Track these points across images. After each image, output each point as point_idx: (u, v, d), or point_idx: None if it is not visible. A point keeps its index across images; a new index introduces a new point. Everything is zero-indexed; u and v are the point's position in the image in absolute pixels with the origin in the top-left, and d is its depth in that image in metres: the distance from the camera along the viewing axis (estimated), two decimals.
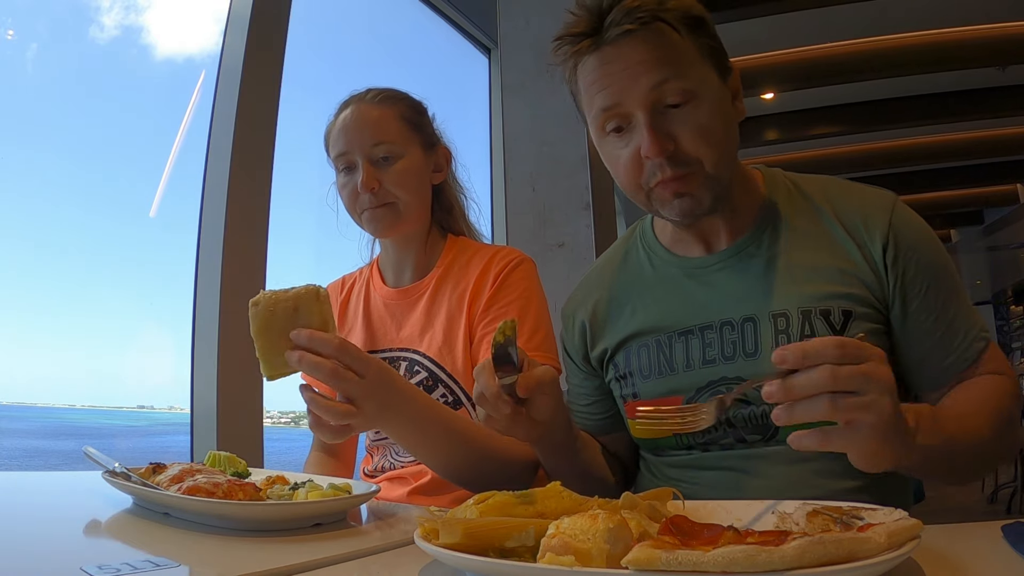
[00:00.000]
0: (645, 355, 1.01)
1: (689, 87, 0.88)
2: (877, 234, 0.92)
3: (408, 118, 1.28)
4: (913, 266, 0.91)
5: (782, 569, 0.42)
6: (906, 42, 5.16)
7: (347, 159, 1.25)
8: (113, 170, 2.76)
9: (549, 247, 2.82)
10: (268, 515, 0.77)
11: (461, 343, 1.21)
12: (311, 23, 2.37)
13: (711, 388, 0.94)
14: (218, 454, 0.98)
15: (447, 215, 1.37)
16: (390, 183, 1.23)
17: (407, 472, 1.24)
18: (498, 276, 1.23)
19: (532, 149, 2.92)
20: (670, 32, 0.88)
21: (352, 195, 1.25)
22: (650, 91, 0.87)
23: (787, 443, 0.88)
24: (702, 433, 0.95)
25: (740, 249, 0.98)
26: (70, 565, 0.57)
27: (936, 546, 0.59)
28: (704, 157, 0.89)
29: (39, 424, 8.56)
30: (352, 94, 1.30)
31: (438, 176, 1.34)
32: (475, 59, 3.42)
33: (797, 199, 1.00)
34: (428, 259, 1.32)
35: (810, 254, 0.94)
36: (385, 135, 1.24)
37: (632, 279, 1.07)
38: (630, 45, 0.88)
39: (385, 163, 1.24)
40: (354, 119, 1.25)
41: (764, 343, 0.92)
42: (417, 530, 0.56)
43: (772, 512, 0.63)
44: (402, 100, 1.30)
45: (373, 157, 1.23)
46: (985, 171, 8.06)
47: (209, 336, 1.65)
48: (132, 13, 2.72)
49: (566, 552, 0.48)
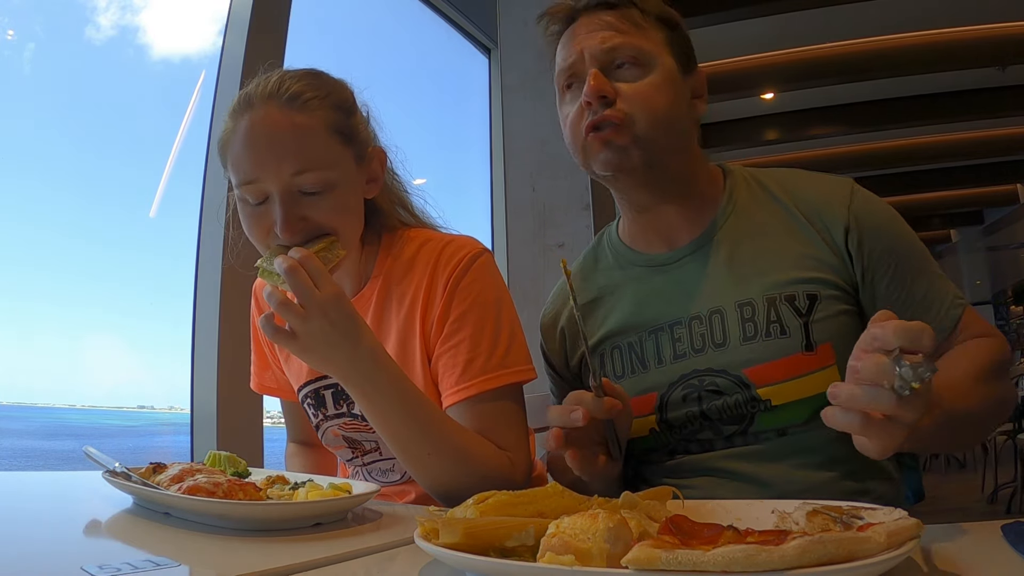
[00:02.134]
0: (618, 356, 1.01)
1: (644, 56, 0.96)
2: (837, 219, 0.94)
3: (337, 127, 0.97)
4: (878, 246, 0.92)
5: (782, 569, 0.42)
6: (906, 42, 5.17)
7: (258, 190, 0.93)
8: (113, 170, 2.77)
9: (549, 247, 2.82)
10: (268, 515, 0.76)
11: (419, 365, 1.02)
12: (311, 23, 2.37)
13: (683, 382, 0.95)
14: (218, 454, 0.98)
15: (380, 219, 1.11)
16: (320, 218, 0.95)
17: (390, 491, 1.13)
18: (447, 282, 1.00)
19: (532, 149, 2.92)
20: (639, 15, 0.98)
21: (263, 232, 0.95)
22: (604, 50, 0.96)
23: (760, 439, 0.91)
24: (679, 429, 0.96)
25: (703, 243, 1.00)
26: (70, 565, 0.57)
27: (936, 546, 0.59)
28: (638, 116, 0.94)
29: (39, 424, 8.57)
30: (257, 84, 0.96)
31: (373, 188, 1.05)
32: (475, 59, 3.42)
33: (757, 192, 1.02)
34: (364, 268, 1.09)
35: (772, 243, 0.96)
36: (309, 161, 0.93)
37: (603, 282, 1.08)
38: (598, 16, 0.98)
39: (310, 195, 0.94)
40: (265, 135, 0.93)
41: (732, 332, 0.93)
42: (417, 530, 0.55)
43: (772, 512, 0.63)
44: (327, 98, 0.98)
45: (292, 189, 0.93)
46: (985, 171, 8.08)
47: (209, 336, 1.66)
48: (128, 13, 2.72)
49: (566, 551, 0.48)
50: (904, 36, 5.15)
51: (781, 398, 0.90)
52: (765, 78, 5.52)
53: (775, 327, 0.91)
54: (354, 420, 1.09)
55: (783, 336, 0.90)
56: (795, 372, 0.89)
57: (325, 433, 1.14)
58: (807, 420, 0.90)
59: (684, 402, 0.95)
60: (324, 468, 1.28)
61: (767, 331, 0.91)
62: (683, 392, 0.95)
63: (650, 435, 0.98)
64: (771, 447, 0.92)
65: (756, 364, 0.91)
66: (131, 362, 5.31)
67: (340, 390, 1.08)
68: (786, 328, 0.90)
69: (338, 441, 1.13)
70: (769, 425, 0.92)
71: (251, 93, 0.96)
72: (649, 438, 0.99)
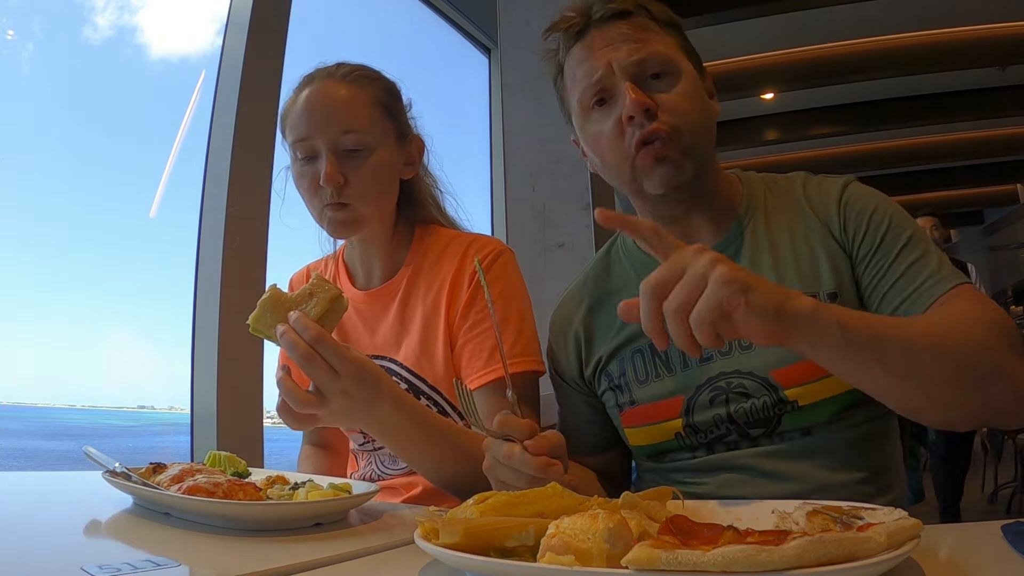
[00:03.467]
0: (639, 360, 1.00)
1: (671, 64, 0.95)
2: (833, 215, 0.95)
3: (383, 103, 1.14)
4: (864, 224, 0.92)
5: (782, 569, 0.42)
6: (906, 42, 5.17)
7: (309, 146, 1.09)
8: (113, 170, 2.77)
9: (549, 247, 2.82)
10: (268, 515, 0.77)
11: (441, 349, 1.12)
12: (311, 23, 2.37)
13: (710, 384, 0.94)
14: (218, 454, 0.98)
15: (416, 210, 1.23)
16: (357, 180, 1.09)
17: (398, 483, 1.18)
18: (474, 274, 1.11)
19: (532, 149, 2.92)
20: (651, 22, 0.97)
21: (312, 186, 1.10)
22: (633, 63, 0.93)
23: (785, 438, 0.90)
24: (705, 433, 0.95)
25: (725, 247, 0.98)
26: (70, 565, 0.57)
27: (936, 546, 0.59)
28: (683, 126, 0.93)
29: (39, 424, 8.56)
30: (319, 67, 1.14)
31: (409, 170, 1.20)
32: (475, 59, 3.43)
33: (773, 195, 1.01)
34: (396, 256, 1.20)
35: (791, 245, 0.96)
36: (355, 122, 1.09)
37: (618, 287, 1.06)
38: (614, 27, 0.96)
39: (353, 155, 1.09)
40: (320, 100, 1.09)
41: None
42: (417, 530, 0.56)
43: (772, 512, 0.63)
44: (377, 80, 1.15)
45: (340, 147, 1.08)
46: (985, 171, 8.07)
47: (209, 336, 1.65)
48: (126, 13, 2.72)
49: (566, 552, 0.48)
50: (904, 36, 5.15)
51: (808, 399, 0.90)
52: (765, 78, 5.52)
53: None
54: None
55: None
56: (821, 372, 0.88)
57: None
58: (831, 419, 0.90)
59: (711, 405, 0.94)
60: (336, 470, 1.31)
61: None
62: (710, 395, 0.94)
63: (674, 439, 0.98)
64: (795, 446, 0.92)
65: (783, 366, 0.90)
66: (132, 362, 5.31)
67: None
68: None
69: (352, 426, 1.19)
70: (795, 425, 0.91)
71: (312, 72, 1.14)
72: (673, 441, 0.98)
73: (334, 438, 1.35)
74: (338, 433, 1.33)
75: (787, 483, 0.90)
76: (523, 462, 0.74)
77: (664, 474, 1.02)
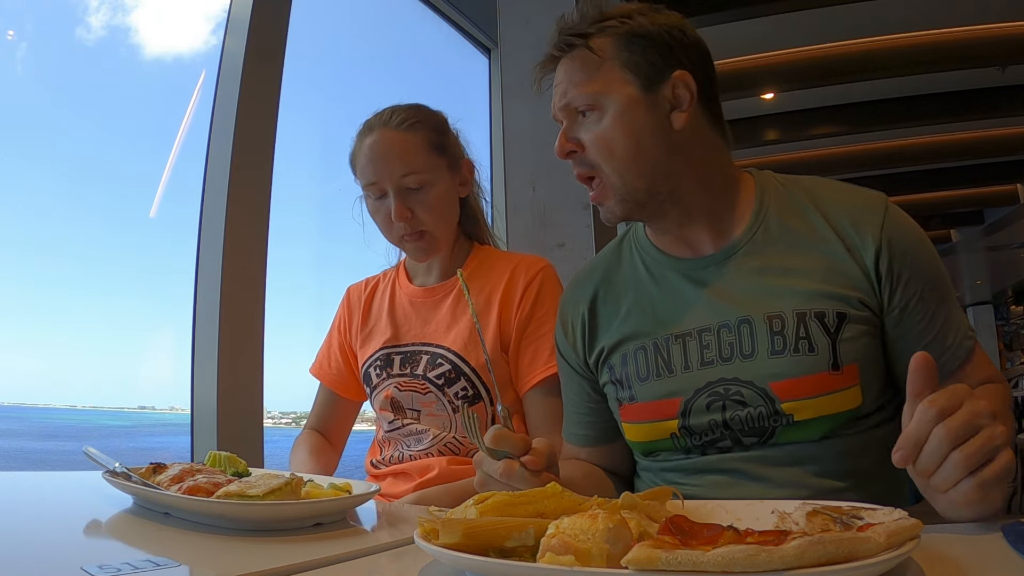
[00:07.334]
0: (642, 357, 1.00)
1: (595, 100, 0.96)
2: (869, 238, 0.92)
3: (434, 143, 1.32)
4: (908, 270, 0.92)
5: (782, 569, 0.42)
6: (906, 42, 5.16)
7: (377, 188, 1.29)
8: (112, 170, 2.76)
9: (549, 247, 2.82)
10: (268, 515, 0.76)
11: (489, 341, 1.28)
12: (311, 24, 2.37)
13: (709, 389, 0.95)
14: (218, 454, 0.98)
15: (474, 225, 1.45)
16: (422, 212, 1.29)
17: (412, 467, 1.27)
18: (530, 284, 1.30)
19: (532, 149, 2.92)
20: (588, 53, 0.97)
21: (386, 222, 1.31)
22: (561, 109, 1.00)
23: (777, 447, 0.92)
24: (699, 436, 0.96)
25: (734, 250, 0.98)
26: (70, 565, 0.57)
27: (936, 546, 0.59)
28: (603, 165, 0.97)
29: (39, 424, 8.55)
30: (376, 115, 1.33)
31: (464, 190, 1.40)
32: (475, 59, 3.42)
33: (787, 200, 1.00)
34: (454, 263, 1.39)
35: (802, 255, 0.95)
36: (413, 166, 1.27)
37: (627, 280, 1.07)
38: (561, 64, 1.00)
39: (415, 192, 1.28)
40: (381, 149, 1.28)
41: (760, 344, 0.92)
42: (417, 530, 0.55)
43: (772, 512, 0.63)
44: (426, 123, 1.32)
45: (402, 187, 1.27)
46: (985, 171, 8.06)
47: (209, 336, 1.65)
48: (119, 13, 2.72)
49: (566, 552, 0.48)
50: (904, 36, 5.14)
51: (804, 414, 0.90)
52: (765, 78, 5.51)
53: (804, 343, 0.90)
54: (413, 380, 1.32)
55: (811, 353, 0.90)
56: (820, 390, 0.89)
57: (379, 395, 1.35)
58: (824, 436, 0.90)
59: (708, 409, 0.94)
60: (325, 453, 1.41)
61: (795, 347, 0.90)
62: (708, 399, 0.94)
63: (670, 439, 0.98)
64: (785, 451, 0.92)
65: (782, 379, 0.90)
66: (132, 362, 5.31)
67: (408, 355, 1.34)
68: (814, 345, 0.90)
69: (386, 404, 1.34)
70: (788, 440, 0.92)
71: (371, 121, 1.33)
72: (668, 441, 0.98)
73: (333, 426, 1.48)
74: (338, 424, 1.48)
75: (777, 488, 0.90)
76: (523, 480, 0.75)
77: (657, 472, 1.02)
